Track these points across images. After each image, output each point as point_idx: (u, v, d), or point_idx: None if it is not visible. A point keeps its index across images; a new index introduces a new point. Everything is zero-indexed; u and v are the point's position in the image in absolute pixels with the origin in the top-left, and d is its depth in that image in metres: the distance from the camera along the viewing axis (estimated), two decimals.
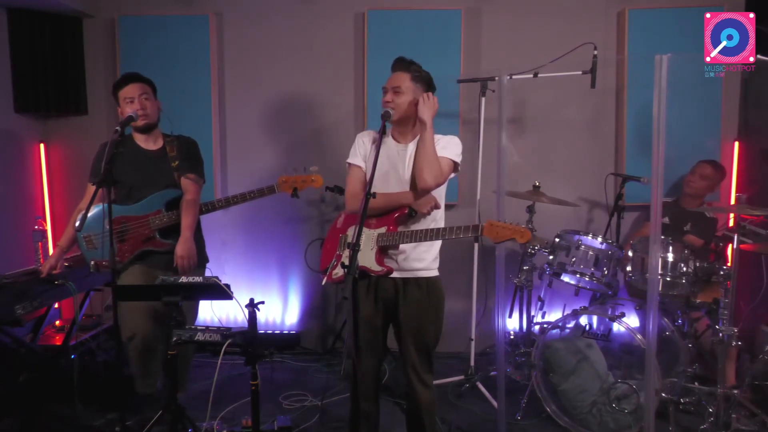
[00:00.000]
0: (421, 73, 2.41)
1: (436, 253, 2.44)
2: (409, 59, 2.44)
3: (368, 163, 2.46)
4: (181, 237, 2.77)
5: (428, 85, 2.42)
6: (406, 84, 2.37)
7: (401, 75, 2.39)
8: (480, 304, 3.80)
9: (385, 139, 2.46)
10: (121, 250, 2.76)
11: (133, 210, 2.79)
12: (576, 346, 3.01)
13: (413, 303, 2.39)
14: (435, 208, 2.34)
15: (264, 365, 3.45)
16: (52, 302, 3.06)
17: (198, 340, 2.34)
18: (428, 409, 2.48)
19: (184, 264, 2.75)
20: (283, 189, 2.95)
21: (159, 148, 2.89)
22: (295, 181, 2.95)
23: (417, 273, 2.39)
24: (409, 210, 2.33)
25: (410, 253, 2.38)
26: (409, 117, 2.40)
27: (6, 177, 3.84)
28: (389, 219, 2.35)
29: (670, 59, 2.28)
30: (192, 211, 2.82)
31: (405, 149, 2.42)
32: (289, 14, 4.02)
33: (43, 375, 3.00)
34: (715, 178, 3.54)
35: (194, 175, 2.88)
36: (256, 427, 2.37)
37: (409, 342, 2.42)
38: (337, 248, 2.46)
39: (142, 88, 2.79)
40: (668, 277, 3.01)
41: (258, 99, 4.11)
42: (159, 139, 2.91)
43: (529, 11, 3.95)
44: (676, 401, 2.94)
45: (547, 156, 3.97)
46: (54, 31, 3.92)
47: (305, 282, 4.21)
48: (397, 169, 2.41)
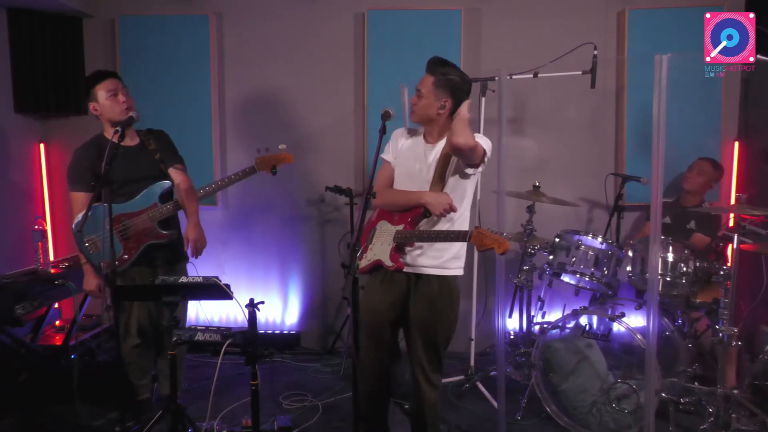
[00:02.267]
0: (447, 77, 2.35)
1: (455, 252, 2.41)
2: (441, 60, 2.39)
3: (398, 160, 2.51)
4: (189, 223, 2.89)
5: (455, 90, 2.35)
6: (427, 88, 2.37)
7: (426, 78, 2.39)
8: (480, 304, 3.80)
9: (417, 138, 2.50)
10: (126, 247, 2.78)
11: (130, 207, 2.80)
12: (576, 346, 3.01)
13: (424, 299, 2.39)
14: (450, 210, 2.31)
15: (264, 365, 3.45)
16: (52, 302, 3.07)
17: (198, 340, 2.34)
18: (432, 408, 2.48)
19: (197, 246, 2.89)
20: (261, 168, 3.18)
21: (137, 144, 2.89)
22: (270, 160, 3.19)
23: (430, 270, 2.39)
24: (424, 210, 2.34)
25: (426, 250, 2.39)
26: (432, 120, 2.40)
27: (6, 177, 3.84)
28: (406, 217, 2.38)
29: (670, 59, 2.28)
30: (193, 197, 2.93)
31: (431, 149, 2.43)
32: (289, 14, 4.03)
33: (43, 375, 3.00)
34: (713, 174, 3.54)
35: (180, 164, 2.95)
36: (256, 427, 2.37)
37: (417, 338, 2.42)
38: (366, 240, 2.50)
39: (120, 83, 2.80)
40: (668, 277, 3.01)
41: (258, 99, 4.10)
42: (134, 134, 2.90)
43: (529, 11, 3.95)
44: (676, 401, 2.95)
45: (547, 156, 3.97)
46: (54, 31, 3.91)
47: (305, 282, 4.21)
48: (421, 170, 2.42)
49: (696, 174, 3.53)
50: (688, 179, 3.56)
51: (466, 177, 2.39)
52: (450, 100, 2.35)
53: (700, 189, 3.56)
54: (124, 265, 2.77)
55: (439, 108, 2.36)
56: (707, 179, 3.53)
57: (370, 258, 2.43)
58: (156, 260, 2.86)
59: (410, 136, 2.54)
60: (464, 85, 2.38)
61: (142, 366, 2.94)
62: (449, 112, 2.37)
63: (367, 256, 2.44)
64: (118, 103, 2.74)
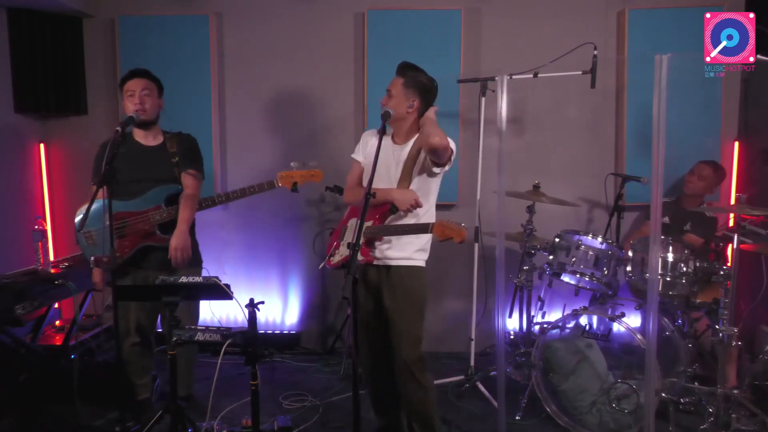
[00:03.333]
0: (416, 79, 2.50)
1: (421, 245, 2.56)
2: (410, 64, 2.55)
3: (368, 160, 2.61)
4: (176, 229, 2.78)
5: (423, 91, 2.51)
6: (397, 88, 2.51)
7: (396, 79, 2.54)
8: (480, 304, 3.80)
9: (386, 138, 2.58)
10: (120, 246, 2.76)
11: (133, 205, 2.79)
12: (576, 346, 3.01)
13: (394, 288, 2.53)
14: (416, 206, 2.44)
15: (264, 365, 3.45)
16: (52, 302, 3.07)
17: (198, 340, 2.34)
18: (420, 411, 2.56)
19: (178, 256, 2.75)
20: (283, 184, 2.94)
21: (158, 144, 2.90)
22: (293, 176, 2.93)
23: (399, 262, 2.54)
24: (391, 206, 2.49)
25: (394, 243, 2.53)
26: (401, 120, 2.54)
27: (6, 177, 3.84)
28: (375, 213, 2.51)
29: (670, 59, 2.27)
30: (190, 205, 2.83)
31: (400, 150, 2.57)
32: (289, 14, 4.02)
33: (43, 375, 3.00)
34: (714, 178, 3.53)
35: (194, 170, 2.90)
36: (256, 427, 2.37)
37: (394, 328, 2.53)
38: (338, 237, 2.67)
39: (145, 84, 2.82)
40: (668, 277, 3.01)
41: (258, 99, 4.10)
42: (159, 135, 2.93)
43: (529, 11, 3.95)
44: (676, 401, 2.95)
45: (547, 156, 3.97)
46: (54, 31, 3.92)
47: (305, 282, 4.21)
48: (389, 168, 2.57)
49: (697, 179, 3.52)
50: (689, 183, 3.55)
51: (433, 176, 2.53)
52: (418, 100, 2.51)
53: (701, 192, 3.56)
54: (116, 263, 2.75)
55: (407, 107, 2.51)
56: (708, 183, 3.53)
57: (342, 253, 2.58)
58: (166, 265, 2.81)
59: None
60: (432, 87, 2.54)
61: (142, 365, 2.95)
62: (417, 112, 2.52)
63: (339, 252, 2.61)
64: (132, 103, 2.80)
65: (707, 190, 3.56)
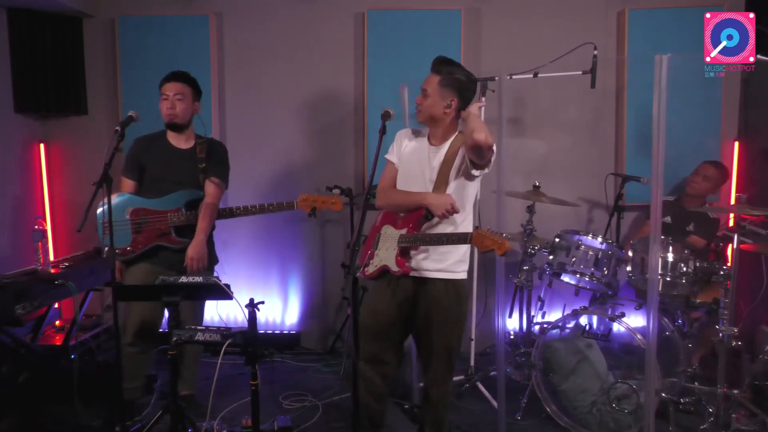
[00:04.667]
0: (453, 76, 2.32)
1: (460, 256, 2.39)
2: (446, 59, 2.37)
3: (401, 161, 2.49)
4: (194, 239, 2.83)
5: (461, 90, 2.33)
6: (432, 87, 2.34)
7: (431, 77, 2.36)
8: (480, 304, 3.80)
9: (421, 140, 2.47)
10: (135, 241, 2.82)
11: (154, 204, 2.85)
12: (576, 346, 3.01)
13: (430, 303, 2.38)
14: (452, 212, 2.28)
15: (264, 365, 3.45)
16: (52, 302, 3.06)
17: (198, 340, 2.34)
18: (444, 407, 2.53)
19: (194, 266, 2.81)
20: (302, 207, 2.97)
21: (189, 148, 2.95)
22: (315, 201, 2.96)
23: (435, 274, 2.38)
24: (426, 212, 2.31)
25: (430, 254, 2.37)
26: (438, 119, 2.37)
27: (6, 177, 3.84)
28: (410, 220, 2.36)
29: (670, 59, 2.28)
30: (210, 214, 2.88)
31: (436, 152, 2.41)
32: (289, 14, 4.02)
33: (43, 375, 3.00)
34: (718, 179, 3.53)
35: (218, 179, 2.94)
36: (256, 427, 2.37)
37: (426, 343, 2.44)
38: (372, 246, 2.48)
39: (179, 88, 2.87)
40: (668, 277, 3.00)
41: (258, 99, 4.10)
42: (191, 139, 2.98)
43: (529, 11, 3.95)
44: (676, 401, 2.95)
45: (547, 156, 3.97)
46: (54, 31, 3.91)
47: (305, 282, 4.21)
48: (423, 170, 2.41)
49: (702, 179, 3.51)
50: (693, 184, 3.53)
51: (471, 179, 2.36)
52: (456, 99, 2.33)
53: (705, 193, 3.55)
54: (128, 257, 2.81)
55: (445, 107, 2.34)
56: (713, 184, 3.52)
57: (377, 264, 2.41)
58: (176, 266, 2.84)
59: (414, 137, 2.52)
60: (470, 84, 2.36)
61: (129, 368, 2.87)
62: (455, 111, 2.36)
63: (373, 262, 2.43)
64: (165, 107, 2.85)
65: (711, 191, 3.56)
